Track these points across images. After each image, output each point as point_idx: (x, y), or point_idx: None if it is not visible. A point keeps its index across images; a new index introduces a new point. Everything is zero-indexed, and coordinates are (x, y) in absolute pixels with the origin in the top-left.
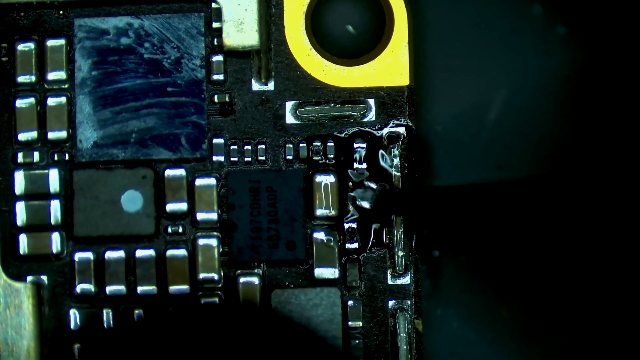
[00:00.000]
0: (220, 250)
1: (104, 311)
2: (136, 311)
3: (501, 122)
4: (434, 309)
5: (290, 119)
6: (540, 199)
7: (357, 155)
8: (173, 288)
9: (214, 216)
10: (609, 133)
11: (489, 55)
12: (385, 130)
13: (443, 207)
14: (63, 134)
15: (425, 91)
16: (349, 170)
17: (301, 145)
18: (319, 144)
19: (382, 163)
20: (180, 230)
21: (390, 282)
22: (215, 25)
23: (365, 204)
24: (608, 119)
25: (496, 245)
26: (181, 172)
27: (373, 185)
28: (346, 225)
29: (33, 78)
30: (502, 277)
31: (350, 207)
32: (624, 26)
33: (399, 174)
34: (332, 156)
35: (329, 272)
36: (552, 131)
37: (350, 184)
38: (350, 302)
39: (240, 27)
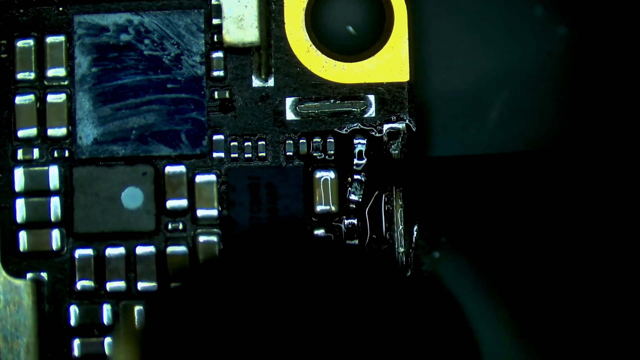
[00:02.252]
0: (221, 247)
1: (104, 307)
2: (137, 307)
3: (501, 123)
4: None
5: (290, 115)
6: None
7: (356, 151)
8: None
9: (214, 213)
10: (608, 133)
11: (488, 54)
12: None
13: (441, 178)
14: (63, 131)
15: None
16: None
17: (301, 141)
18: (319, 140)
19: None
20: (181, 227)
21: None
22: (215, 21)
23: (355, 197)
24: (608, 118)
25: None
26: (181, 168)
27: (362, 179)
28: (346, 222)
29: (32, 75)
30: (500, 268)
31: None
32: (624, 26)
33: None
34: (332, 152)
35: None
36: (551, 131)
37: (349, 179)
38: None
39: (240, 24)
